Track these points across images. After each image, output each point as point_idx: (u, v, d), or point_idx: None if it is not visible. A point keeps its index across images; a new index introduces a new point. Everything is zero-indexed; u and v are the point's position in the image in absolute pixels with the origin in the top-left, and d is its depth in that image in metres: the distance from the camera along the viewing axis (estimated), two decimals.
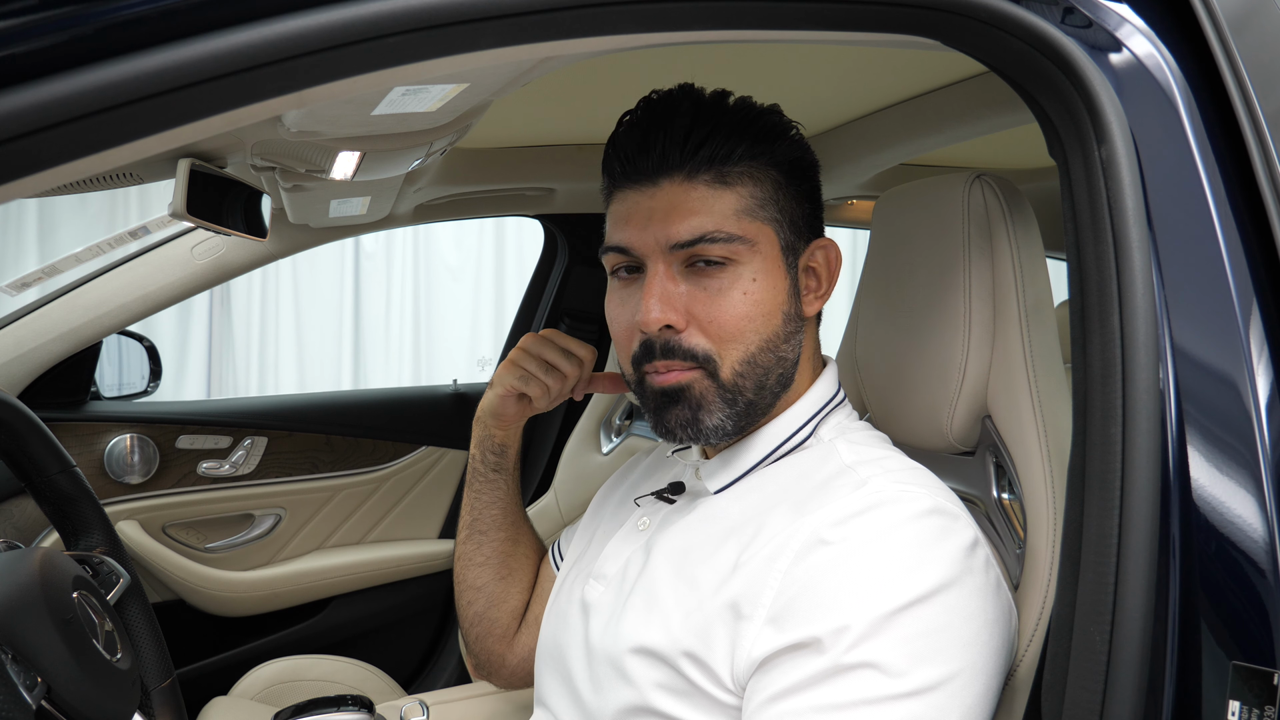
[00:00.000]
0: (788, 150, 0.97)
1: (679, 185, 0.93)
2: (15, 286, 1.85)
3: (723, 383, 0.93)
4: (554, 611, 1.10)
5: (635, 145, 0.95)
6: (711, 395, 0.94)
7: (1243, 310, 0.76)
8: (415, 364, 4.64)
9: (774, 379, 0.96)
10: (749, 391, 0.94)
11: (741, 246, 0.92)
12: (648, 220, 0.93)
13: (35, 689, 0.93)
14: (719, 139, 0.92)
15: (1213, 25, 0.80)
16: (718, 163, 0.93)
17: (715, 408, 0.94)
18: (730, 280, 0.92)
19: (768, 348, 0.94)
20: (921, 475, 0.91)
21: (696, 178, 0.93)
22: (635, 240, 0.94)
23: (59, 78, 0.57)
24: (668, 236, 0.92)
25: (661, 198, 0.93)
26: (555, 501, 2.29)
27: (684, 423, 0.95)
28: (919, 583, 0.81)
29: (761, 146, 0.95)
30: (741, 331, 0.92)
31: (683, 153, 0.92)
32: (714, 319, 0.92)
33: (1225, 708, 0.70)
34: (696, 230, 0.92)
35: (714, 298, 0.92)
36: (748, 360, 0.93)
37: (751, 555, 0.88)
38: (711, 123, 0.93)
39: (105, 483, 2.10)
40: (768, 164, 0.95)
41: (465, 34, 0.67)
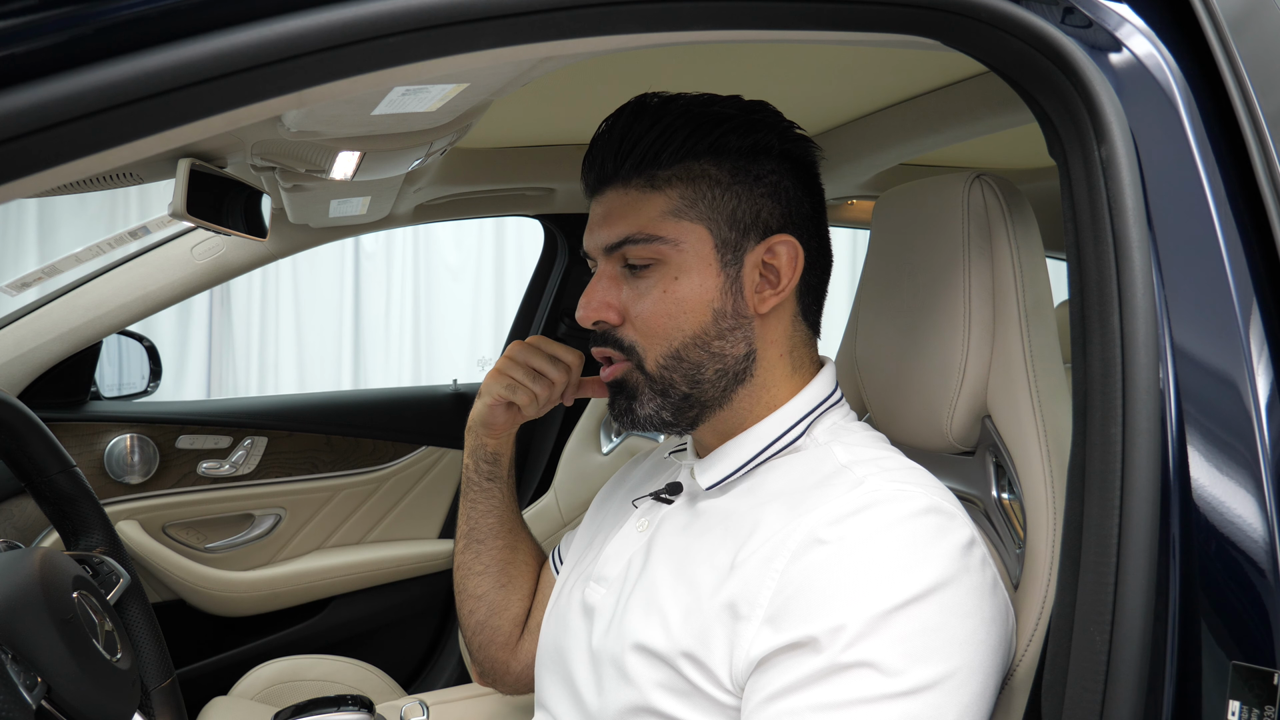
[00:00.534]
0: (738, 139, 0.96)
1: (616, 192, 0.99)
2: (15, 286, 1.85)
3: (649, 375, 0.98)
4: (554, 614, 1.10)
5: (586, 161, 1.02)
6: (643, 386, 0.99)
7: (1243, 310, 0.76)
8: (415, 364, 4.65)
9: (710, 373, 0.97)
10: (680, 384, 0.98)
11: (664, 246, 0.96)
12: (593, 226, 1.01)
13: (35, 689, 0.93)
14: (648, 142, 0.96)
15: (1213, 25, 0.80)
16: (646, 166, 0.96)
17: (646, 398, 0.99)
18: (654, 280, 0.97)
19: (694, 344, 0.96)
20: (918, 474, 0.91)
21: (630, 183, 0.98)
22: (586, 244, 1.03)
23: (59, 78, 0.57)
24: (601, 240, 0.99)
25: (603, 204, 1.00)
26: (555, 501, 2.29)
27: (621, 411, 1.01)
28: (915, 581, 0.81)
29: (698, 139, 0.95)
30: (661, 327, 0.96)
31: (615, 161, 0.98)
32: (638, 315, 0.98)
33: (1225, 708, 0.70)
34: (620, 234, 0.97)
35: (639, 296, 0.97)
36: (672, 355, 0.97)
37: (749, 555, 0.88)
38: (646, 125, 0.97)
39: (105, 483, 2.10)
40: (708, 160, 0.96)
41: (465, 34, 0.67)
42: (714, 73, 0.99)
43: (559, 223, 2.49)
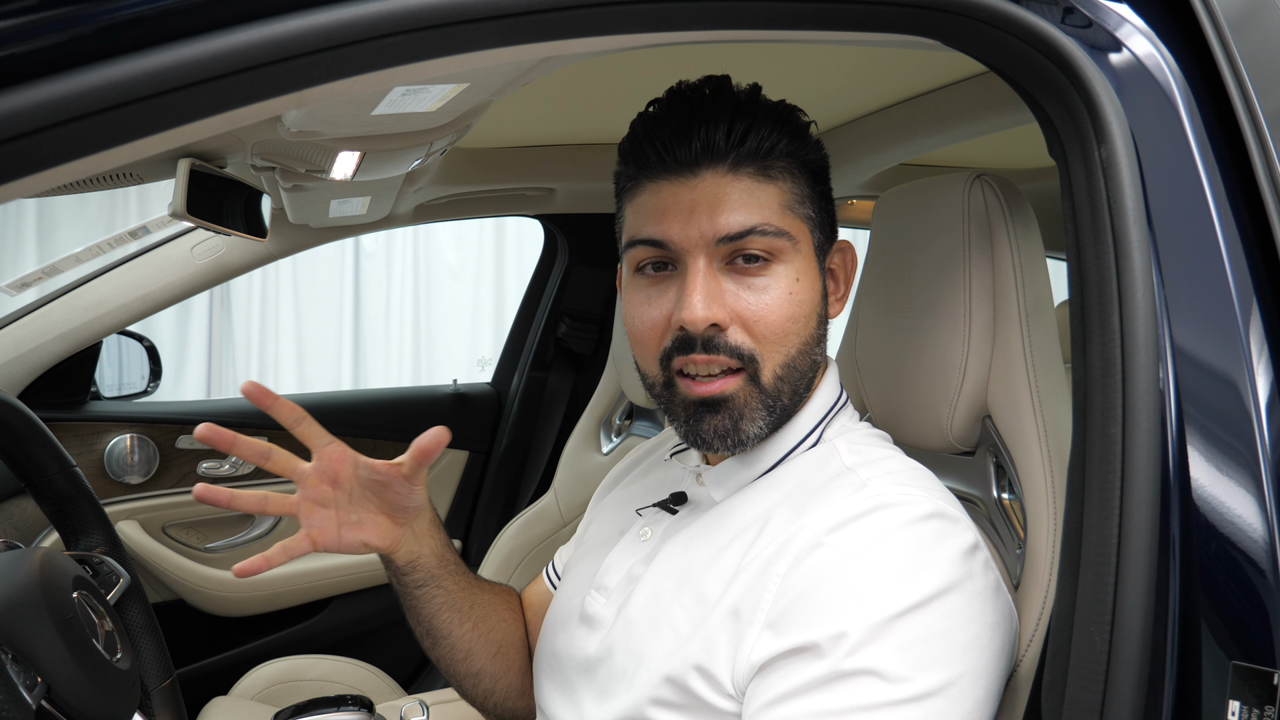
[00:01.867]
0: (815, 149, 0.96)
1: (722, 177, 0.89)
2: (15, 286, 1.85)
3: (764, 387, 0.90)
4: (554, 620, 1.09)
5: (672, 134, 0.89)
6: (755, 402, 0.90)
7: (1243, 310, 0.76)
8: (415, 364, 4.65)
9: (805, 383, 0.94)
10: (786, 396, 0.92)
11: (785, 243, 0.90)
12: (689, 213, 0.88)
13: (35, 689, 0.93)
14: (763, 132, 0.90)
15: (1213, 25, 0.80)
16: (761, 156, 0.90)
17: (757, 415, 0.90)
18: (774, 279, 0.89)
19: (805, 350, 0.92)
20: (922, 477, 0.91)
21: (740, 170, 0.89)
22: (675, 234, 0.89)
23: (59, 78, 0.57)
24: (714, 229, 0.88)
25: (704, 189, 0.88)
26: (555, 501, 2.29)
27: (723, 433, 0.90)
28: (918, 588, 0.80)
29: (796, 143, 0.93)
30: (786, 333, 0.90)
31: (728, 143, 0.88)
32: (760, 318, 0.89)
33: (1225, 708, 0.70)
34: (746, 223, 0.88)
35: (760, 296, 0.89)
36: (788, 363, 0.91)
37: (752, 558, 0.87)
38: (752, 116, 0.90)
39: (105, 483, 2.10)
40: (801, 164, 0.94)
41: (465, 34, 0.66)
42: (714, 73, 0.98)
43: (559, 223, 2.49)
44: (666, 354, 0.91)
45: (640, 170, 0.92)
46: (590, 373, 2.50)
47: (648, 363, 0.94)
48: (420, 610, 1.07)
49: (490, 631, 1.13)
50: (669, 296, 0.91)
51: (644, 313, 0.93)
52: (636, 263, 0.94)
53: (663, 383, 0.93)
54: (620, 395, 2.28)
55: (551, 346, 2.57)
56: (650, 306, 0.92)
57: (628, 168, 0.95)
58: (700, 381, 0.90)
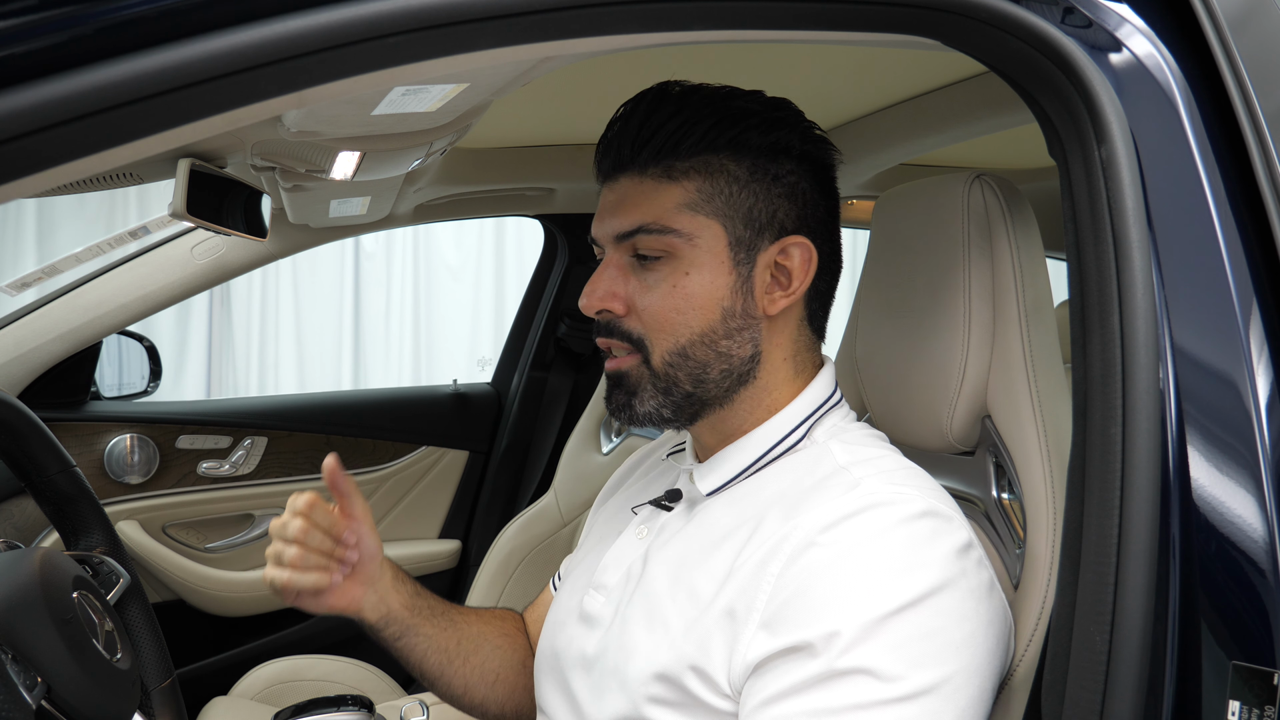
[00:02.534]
0: (759, 136, 0.94)
1: (631, 180, 0.96)
2: (15, 286, 1.85)
3: (654, 370, 0.96)
4: (554, 620, 1.09)
5: (601, 146, 0.99)
6: (645, 382, 0.97)
7: (1243, 310, 0.76)
8: (415, 364, 4.65)
9: (715, 373, 0.96)
10: (685, 383, 0.96)
11: (677, 240, 0.94)
12: (603, 212, 0.98)
13: (35, 689, 0.93)
14: (668, 131, 0.94)
15: (1213, 25, 0.80)
16: (665, 155, 0.94)
17: (648, 395, 0.97)
18: (664, 273, 0.95)
19: (702, 342, 0.95)
20: (915, 476, 0.91)
21: (646, 172, 0.95)
22: (596, 231, 0.99)
23: (59, 78, 0.57)
24: (613, 228, 0.96)
25: (616, 191, 0.97)
26: (555, 501, 2.29)
27: (619, 407, 0.99)
28: (911, 586, 0.80)
29: (719, 133, 0.93)
30: (670, 323, 0.95)
31: (633, 148, 0.95)
32: (645, 308, 0.95)
33: (1225, 708, 0.70)
34: (633, 222, 0.95)
35: (649, 289, 0.95)
36: (678, 351, 0.95)
37: (746, 559, 0.87)
38: (667, 114, 0.94)
39: (105, 483, 2.10)
40: (727, 155, 0.94)
41: (465, 34, 0.67)
42: (714, 73, 0.98)
43: (559, 223, 2.49)
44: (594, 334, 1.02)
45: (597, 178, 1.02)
46: (590, 373, 2.50)
47: None
48: (407, 659, 1.12)
49: (484, 664, 1.15)
50: None
51: None
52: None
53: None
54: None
55: (551, 346, 2.57)
56: None
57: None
58: (610, 357, 1.00)
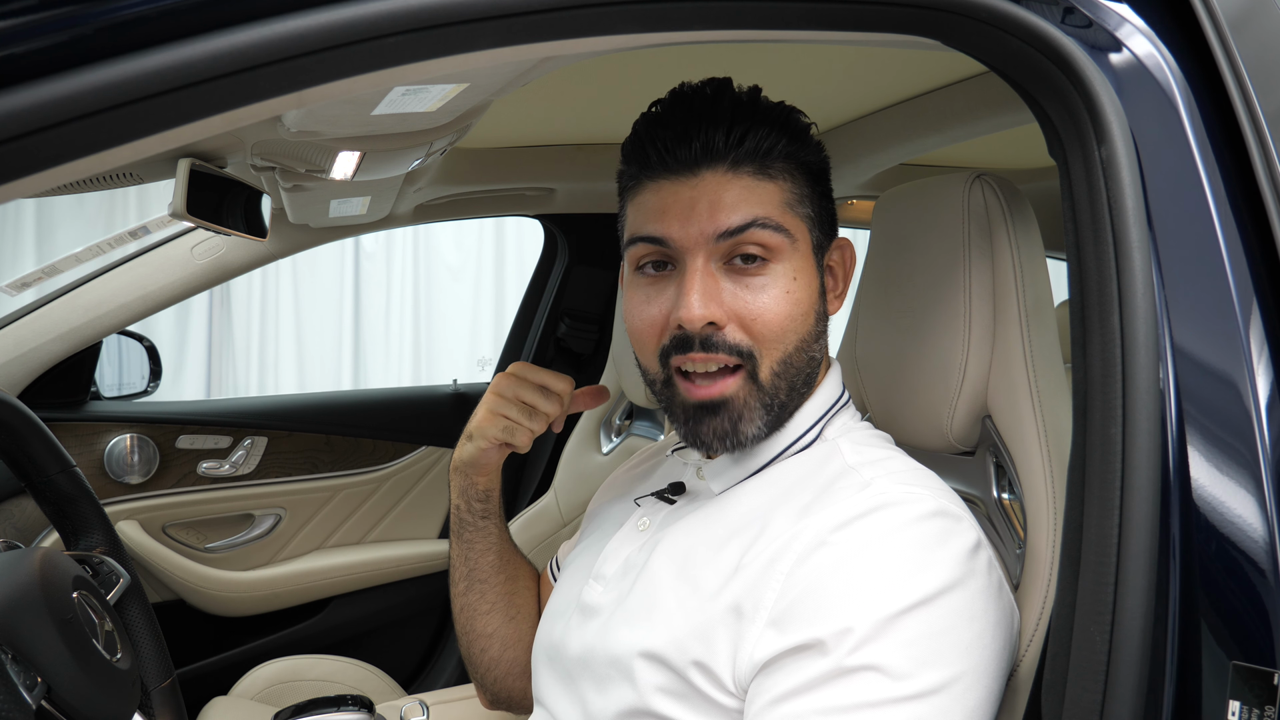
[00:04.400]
0: (814, 150, 0.97)
1: (722, 176, 0.90)
2: (15, 286, 1.85)
3: (762, 385, 0.91)
4: (552, 610, 1.10)
5: (673, 134, 0.91)
6: (753, 401, 0.91)
7: (1243, 310, 0.76)
8: (415, 364, 4.64)
9: (803, 380, 0.95)
10: (783, 394, 0.93)
11: (784, 239, 0.91)
12: (689, 211, 0.90)
13: (35, 689, 0.93)
14: (762, 132, 0.91)
15: (1213, 25, 0.80)
16: (760, 156, 0.91)
17: (755, 415, 0.91)
18: (772, 278, 0.90)
19: (803, 348, 0.93)
20: (925, 477, 0.91)
21: (739, 169, 0.90)
22: (675, 232, 0.90)
23: (59, 78, 0.57)
24: (714, 226, 0.89)
25: (704, 188, 0.90)
26: (555, 501, 2.29)
27: (722, 434, 0.92)
28: (922, 585, 0.81)
29: (796, 145, 0.94)
30: (784, 331, 0.91)
31: (727, 142, 0.90)
32: (758, 317, 0.90)
33: (1225, 708, 0.70)
34: (746, 217, 0.89)
35: (757, 295, 0.90)
36: (785, 360, 0.92)
37: (754, 556, 0.87)
38: (752, 116, 0.92)
39: (105, 483, 2.10)
40: (800, 164, 0.95)
41: (465, 34, 0.67)
42: (713, 73, 0.98)
43: (559, 223, 2.48)
44: (665, 351, 0.93)
45: (642, 170, 0.94)
46: (590, 373, 2.50)
47: (648, 359, 0.96)
48: (474, 545, 1.16)
49: (515, 595, 1.19)
50: (668, 295, 0.92)
51: (643, 311, 0.94)
52: (637, 260, 0.95)
53: (663, 380, 0.95)
54: (620, 395, 2.28)
55: (551, 346, 2.57)
56: (649, 305, 0.94)
57: (630, 167, 0.96)
58: (699, 384, 0.91)
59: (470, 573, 1.17)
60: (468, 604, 1.18)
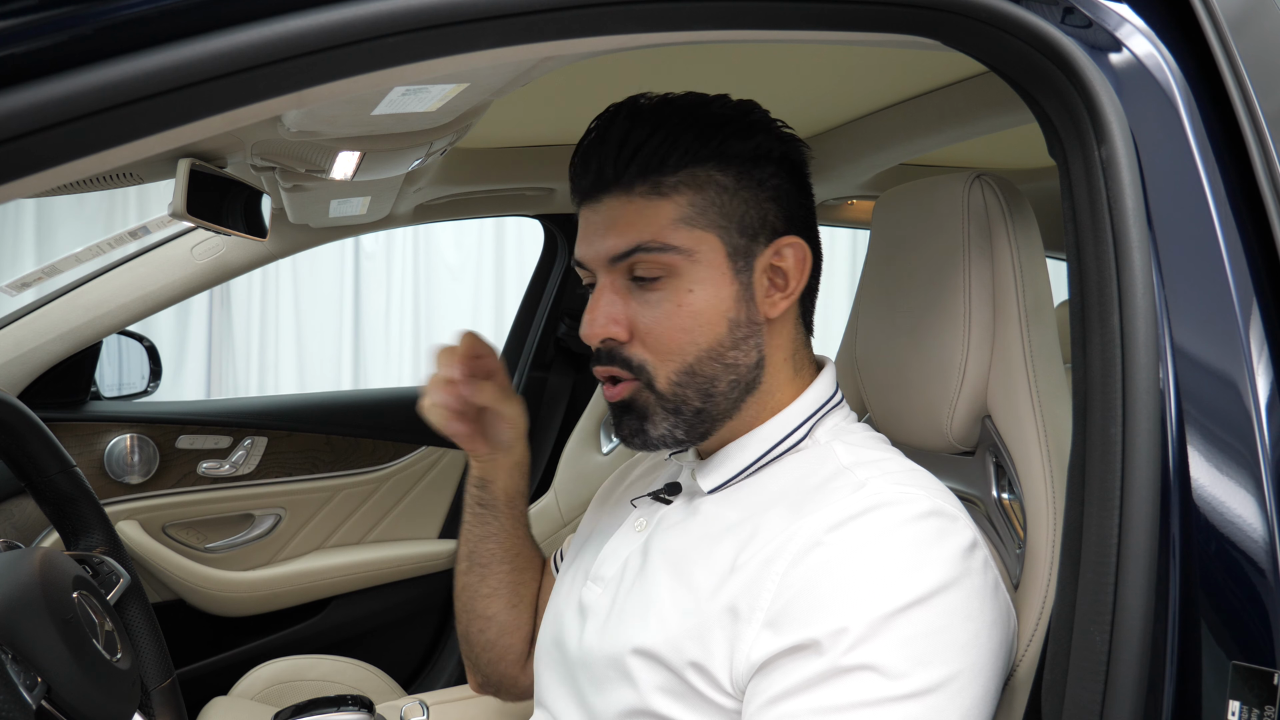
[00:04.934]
0: (740, 144, 0.94)
1: (618, 199, 0.94)
2: (15, 286, 1.85)
3: (660, 393, 0.94)
4: (552, 612, 1.10)
5: (579, 165, 0.97)
6: (654, 405, 0.95)
7: (1243, 310, 0.76)
8: (415, 364, 4.64)
9: (724, 385, 0.95)
10: (693, 400, 0.95)
11: (677, 257, 0.92)
12: (592, 234, 0.96)
13: (35, 689, 0.93)
14: (651, 147, 0.92)
15: (1213, 25, 0.80)
16: (652, 172, 0.92)
17: (659, 418, 0.95)
18: (667, 293, 0.93)
19: (709, 357, 0.94)
20: (920, 476, 0.91)
21: (633, 190, 0.93)
22: (584, 255, 0.97)
23: (59, 78, 0.57)
24: (606, 250, 0.94)
25: (603, 212, 0.95)
26: (555, 501, 2.29)
27: (633, 432, 0.97)
28: (917, 584, 0.81)
29: (703, 145, 0.93)
30: (677, 344, 0.93)
31: (615, 168, 0.93)
32: (650, 331, 0.94)
33: (1225, 708, 0.70)
34: (629, 243, 0.93)
35: (651, 311, 0.94)
36: (685, 371, 0.94)
37: (749, 557, 0.88)
38: (647, 130, 0.92)
39: (105, 483, 2.10)
40: (713, 166, 0.93)
41: (465, 34, 0.67)
42: (713, 73, 0.99)
43: (559, 223, 2.49)
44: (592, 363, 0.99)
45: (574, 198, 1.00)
46: (590, 373, 2.50)
47: None
48: (473, 530, 1.18)
49: (518, 585, 1.20)
50: None
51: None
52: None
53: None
54: None
55: (551, 346, 2.57)
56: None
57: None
58: (610, 385, 0.98)
59: (470, 554, 1.19)
60: (468, 584, 1.20)
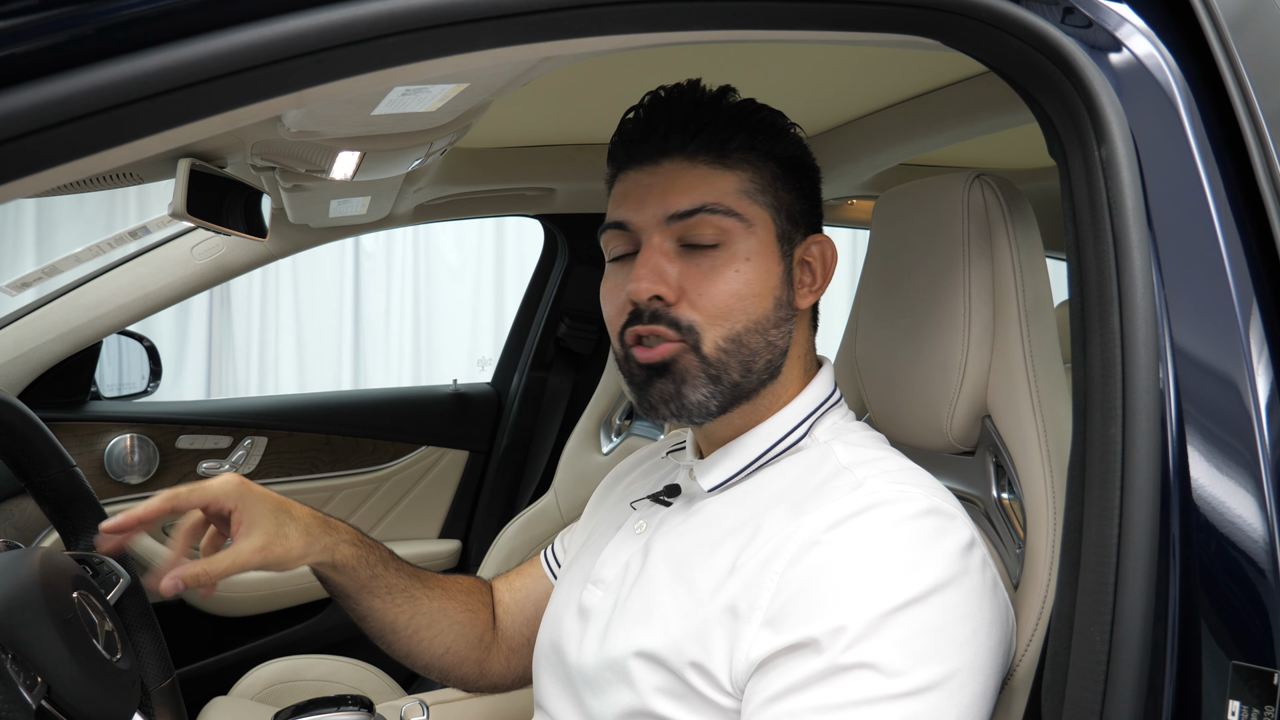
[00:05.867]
0: (786, 147, 0.99)
1: (679, 164, 0.95)
2: (15, 286, 1.85)
3: (705, 357, 0.93)
4: (551, 615, 1.10)
5: (639, 132, 0.97)
6: (695, 370, 0.93)
7: (1243, 310, 0.76)
8: (415, 364, 4.64)
9: (761, 363, 0.95)
10: (734, 371, 0.94)
11: (737, 224, 0.93)
12: (646, 195, 0.95)
13: (35, 689, 0.93)
14: (718, 126, 0.95)
15: (1213, 25, 0.80)
16: (716, 147, 0.95)
17: (699, 383, 0.93)
18: (722, 259, 0.93)
19: (755, 329, 0.94)
20: (918, 475, 0.91)
21: (697, 158, 0.95)
22: (633, 215, 0.96)
23: (59, 78, 0.57)
24: (665, 207, 0.93)
25: (662, 174, 0.95)
26: (555, 501, 2.29)
27: (667, 397, 0.94)
28: (916, 583, 0.81)
29: (759, 139, 0.97)
30: (730, 309, 0.93)
31: (684, 135, 0.94)
32: (704, 293, 0.93)
33: (1225, 708, 0.70)
34: (696, 202, 0.93)
35: (705, 274, 0.93)
36: (733, 338, 0.93)
37: (749, 557, 0.88)
38: (712, 112, 0.96)
39: (105, 483, 2.10)
40: (765, 156, 0.97)
41: (465, 34, 0.67)
42: (713, 73, 0.98)
43: (559, 223, 2.49)
44: (623, 328, 0.96)
45: (616, 166, 1.00)
46: (590, 373, 2.50)
47: (615, 339, 0.99)
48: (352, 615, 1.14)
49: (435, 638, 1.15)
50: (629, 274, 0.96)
51: (611, 295, 0.99)
52: (609, 250, 1.00)
53: (623, 355, 0.98)
54: (620, 395, 2.28)
55: (551, 346, 2.57)
56: (615, 289, 0.98)
57: (609, 166, 1.02)
58: (645, 347, 0.94)
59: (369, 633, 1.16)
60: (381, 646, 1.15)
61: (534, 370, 2.57)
